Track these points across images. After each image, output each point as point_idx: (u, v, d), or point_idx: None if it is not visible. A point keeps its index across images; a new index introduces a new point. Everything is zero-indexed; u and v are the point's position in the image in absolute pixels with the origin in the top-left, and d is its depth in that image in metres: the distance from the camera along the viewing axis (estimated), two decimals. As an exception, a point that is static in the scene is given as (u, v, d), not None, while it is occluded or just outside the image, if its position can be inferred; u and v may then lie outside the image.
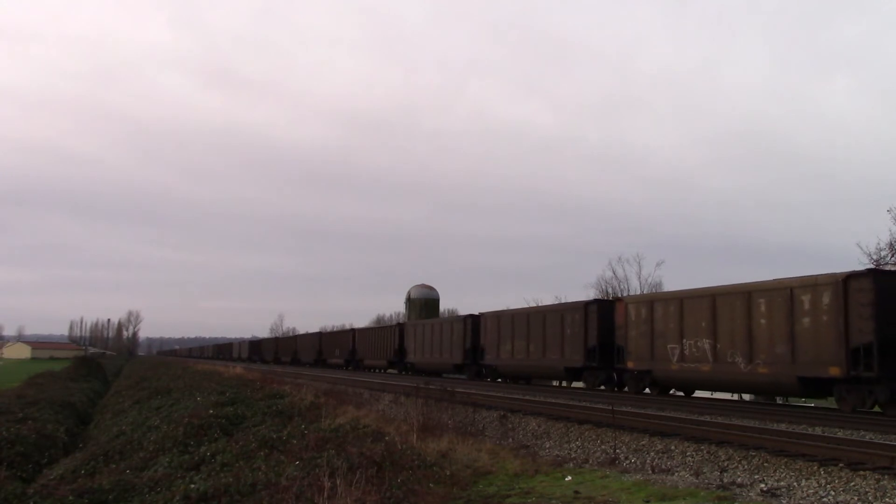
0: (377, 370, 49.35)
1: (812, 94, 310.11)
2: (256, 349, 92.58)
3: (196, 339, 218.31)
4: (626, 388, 24.88)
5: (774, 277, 19.50)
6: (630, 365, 23.82)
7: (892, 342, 16.58)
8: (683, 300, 22.15)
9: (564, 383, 31.14)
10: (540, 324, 29.70)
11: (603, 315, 25.87)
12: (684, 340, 21.65)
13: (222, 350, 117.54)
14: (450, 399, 17.62)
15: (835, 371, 17.26)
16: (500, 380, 33.47)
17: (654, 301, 23.60)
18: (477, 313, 36.29)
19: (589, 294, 55.23)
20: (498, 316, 33.47)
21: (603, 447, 13.02)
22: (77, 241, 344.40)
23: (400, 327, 46.42)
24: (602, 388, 26.33)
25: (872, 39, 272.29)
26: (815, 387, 18.27)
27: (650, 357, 22.97)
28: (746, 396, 27.27)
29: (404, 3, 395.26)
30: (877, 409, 17.09)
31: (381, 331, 50.44)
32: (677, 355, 21.90)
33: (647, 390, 23.75)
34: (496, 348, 32.92)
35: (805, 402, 24.50)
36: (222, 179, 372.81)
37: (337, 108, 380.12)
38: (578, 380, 28.26)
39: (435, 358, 39.60)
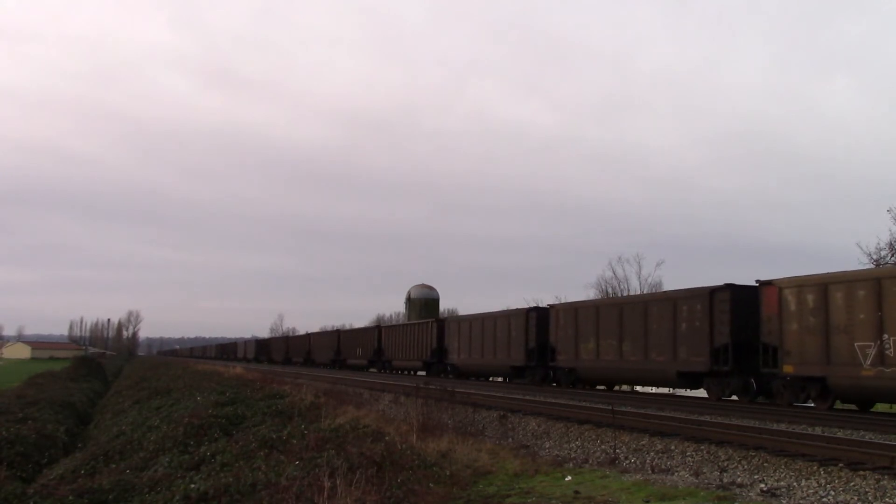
0: (409, 372, 45.12)
1: (812, 94, 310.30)
2: (264, 349, 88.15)
3: (196, 339, 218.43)
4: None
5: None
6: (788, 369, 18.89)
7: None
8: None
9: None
10: (640, 317, 23.92)
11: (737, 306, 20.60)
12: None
13: (226, 350, 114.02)
14: (450, 399, 17.63)
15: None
16: (583, 387, 27.87)
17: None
18: (546, 305, 32.48)
19: (589, 294, 55.27)
20: (575, 308, 28.25)
21: (603, 447, 13.02)
22: (77, 241, 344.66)
23: (439, 323, 41.47)
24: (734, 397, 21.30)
25: (873, 39, 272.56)
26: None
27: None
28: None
29: (404, 3, 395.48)
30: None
31: (415, 328, 44.77)
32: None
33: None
34: (573, 347, 27.45)
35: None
36: (222, 179, 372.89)
37: (337, 108, 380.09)
38: (697, 386, 23.19)
39: (487, 359, 34.38)
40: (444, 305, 73.31)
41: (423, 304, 60.74)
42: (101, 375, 61.20)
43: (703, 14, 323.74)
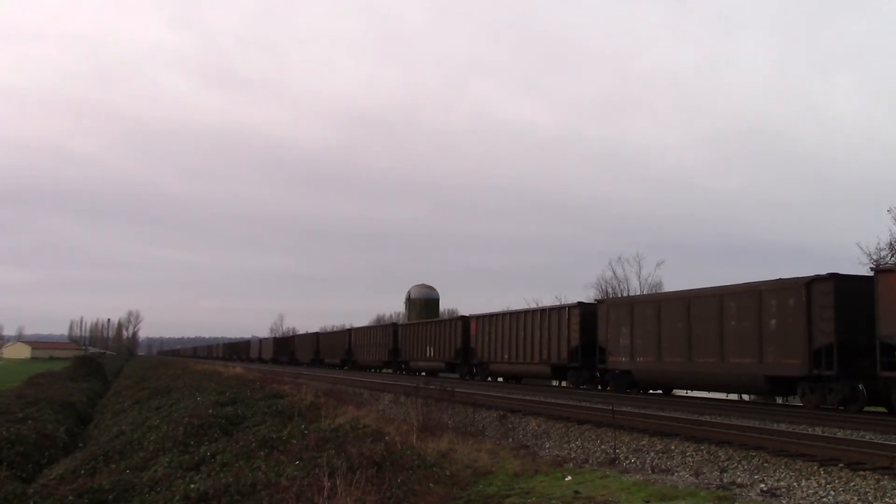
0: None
1: (813, 94, 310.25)
2: (285, 348, 76.13)
3: (196, 339, 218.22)
4: None
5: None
6: None
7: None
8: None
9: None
10: (715, 313, 21.03)
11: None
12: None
13: (236, 349, 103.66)
14: (450, 399, 17.63)
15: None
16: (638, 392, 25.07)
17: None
18: (594, 300, 31.55)
19: (589, 294, 55.23)
20: (631, 303, 25.60)
21: (603, 447, 13.02)
22: (77, 241, 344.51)
23: (465, 321, 37.82)
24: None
25: (873, 39, 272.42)
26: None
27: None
28: (745, 396, 27.26)
29: (404, 3, 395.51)
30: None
31: (438, 326, 41.43)
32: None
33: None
34: (629, 347, 24.42)
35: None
36: (222, 179, 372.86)
37: (337, 108, 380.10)
38: (789, 393, 21.38)
39: (522, 359, 31.47)
40: (444, 305, 73.25)
41: (423, 304, 60.69)
42: (101, 375, 61.16)
43: (703, 14, 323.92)
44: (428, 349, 41.09)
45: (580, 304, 28.92)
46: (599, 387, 27.15)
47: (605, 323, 25.72)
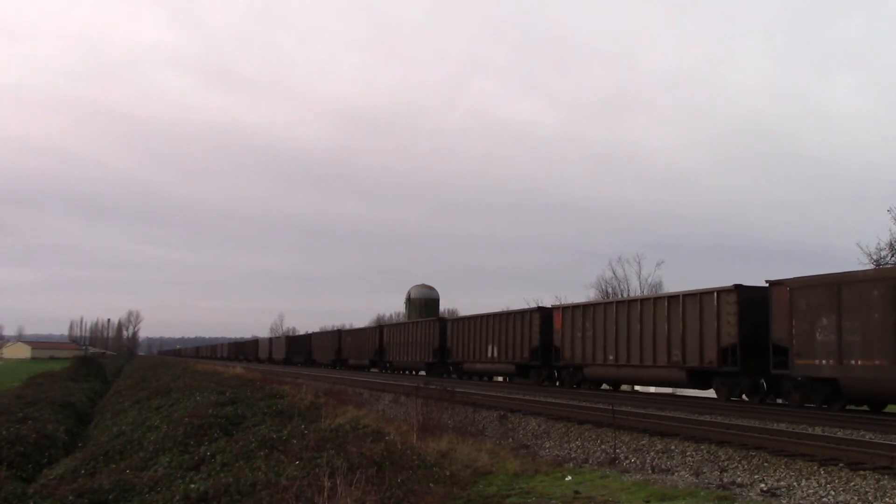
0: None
1: (813, 94, 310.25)
2: (300, 347, 69.34)
3: (196, 339, 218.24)
4: None
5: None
6: None
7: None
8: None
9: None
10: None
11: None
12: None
13: (243, 349, 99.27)
14: (450, 399, 17.64)
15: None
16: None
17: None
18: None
19: (589, 294, 55.23)
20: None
21: (603, 447, 13.02)
22: (77, 241, 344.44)
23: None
24: None
25: (874, 38, 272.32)
26: None
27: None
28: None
29: (404, 2, 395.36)
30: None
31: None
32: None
33: None
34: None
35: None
36: (222, 179, 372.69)
37: (337, 107, 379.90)
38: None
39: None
40: (444, 305, 73.31)
41: (423, 304, 60.76)
42: (101, 375, 61.14)
43: (704, 13, 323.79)
44: (490, 349, 34.05)
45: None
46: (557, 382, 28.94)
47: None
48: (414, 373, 44.18)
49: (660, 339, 22.90)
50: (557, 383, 29.53)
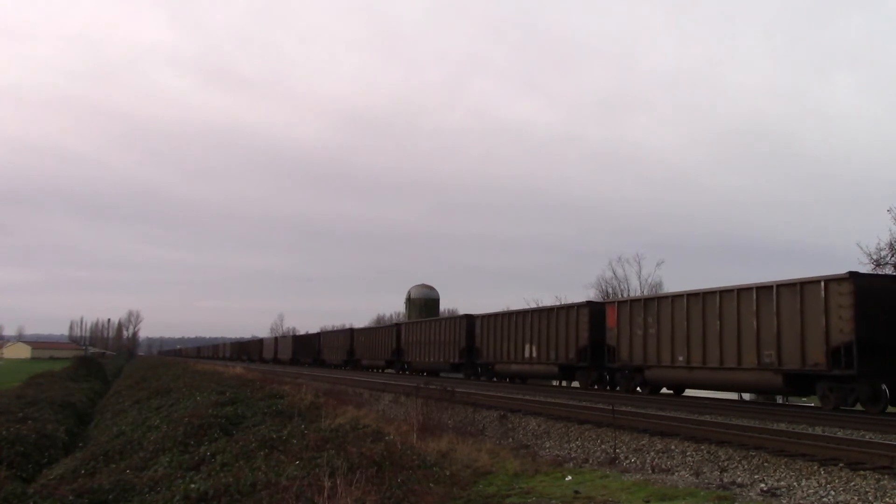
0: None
1: (813, 94, 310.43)
2: (308, 347, 66.15)
3: (196, 339, 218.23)
4: None
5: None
6: None
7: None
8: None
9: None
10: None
11: None
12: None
13: (246, 348, 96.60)
14: (450, 399, 17.63)
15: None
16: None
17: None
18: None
19: (589, 294, 55.21)
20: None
21: (603, 447, 13.02)
22: (77, 241, 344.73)
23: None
24: None
25: (875, 38, 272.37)
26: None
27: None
28: (746, 396, 27.28)
29: (404, 2, 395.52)
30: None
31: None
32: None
33: None
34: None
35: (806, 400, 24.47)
36: (222, 179, 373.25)
37: (337, 107, 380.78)
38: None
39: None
40: (444, 305, 73.16)
41: (423, 304, 60.69)
42: (101, 375, 61.16)
43: (704, 13, 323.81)
44: (528, 348, 31.30)
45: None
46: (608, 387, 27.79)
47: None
48: (439, 375, 40.25)
49: (747, 336, 19.82)
50: (609, 388, 26.47)
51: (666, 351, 22.61)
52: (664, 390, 24.61)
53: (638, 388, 24.67)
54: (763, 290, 19.46)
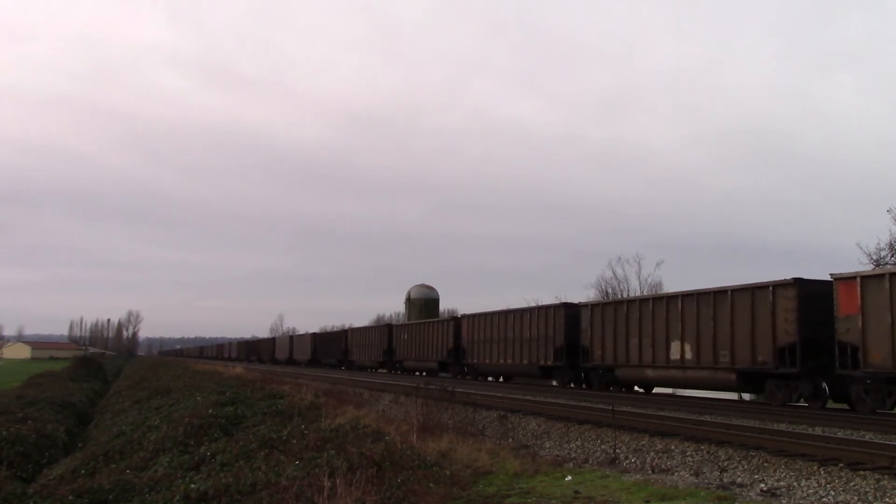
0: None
1: (814, 93, 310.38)
2: (333, 346, 58.57)
3: (196, 339, 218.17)
4: None
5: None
6: None
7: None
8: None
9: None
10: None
11: None
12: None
13: (255, 348, 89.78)
14: (450, 399, 17.63)
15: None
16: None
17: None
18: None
19: (589, 294, 55.22)
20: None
21: (603, 447, 13.02)
22: (77, 241, 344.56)
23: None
24: None
25: (875, 38, 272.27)
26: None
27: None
28: (746, 396, 27.28)
29: (404, 2, 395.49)
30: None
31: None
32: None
33: None
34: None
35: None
36: (222, 179, 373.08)
37: (337, 107, 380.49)
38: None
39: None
40: (444, 305, 73.14)
41: (423, 304, 60.68)
42: (101, 375, 61.13)
43: (704, 13, 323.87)
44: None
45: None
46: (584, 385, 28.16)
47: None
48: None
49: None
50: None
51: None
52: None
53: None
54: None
